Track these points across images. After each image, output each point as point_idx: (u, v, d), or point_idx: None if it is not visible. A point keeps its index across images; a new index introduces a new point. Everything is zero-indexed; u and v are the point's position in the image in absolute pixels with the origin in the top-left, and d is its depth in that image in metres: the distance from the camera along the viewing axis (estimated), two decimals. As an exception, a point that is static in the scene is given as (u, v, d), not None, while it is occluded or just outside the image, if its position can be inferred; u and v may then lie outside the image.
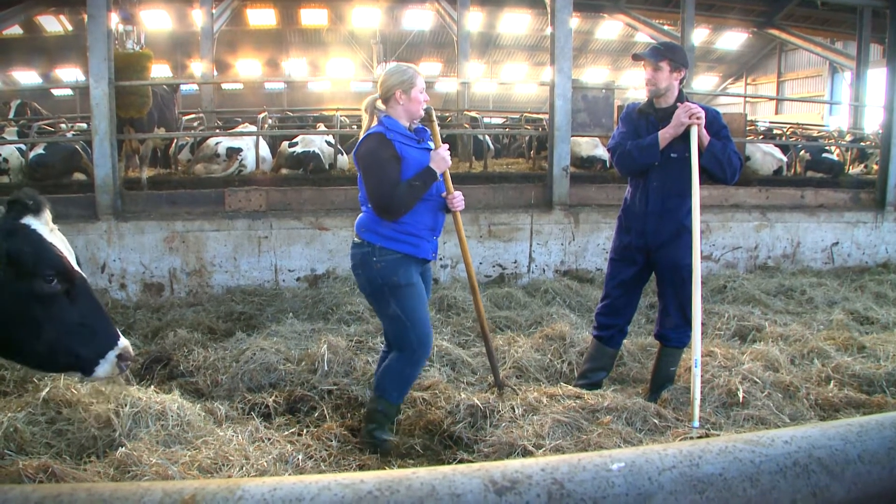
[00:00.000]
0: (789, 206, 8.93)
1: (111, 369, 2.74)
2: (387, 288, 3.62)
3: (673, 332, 4.36)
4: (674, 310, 4.32)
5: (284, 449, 3.42)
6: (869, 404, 4.29)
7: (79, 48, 22.49)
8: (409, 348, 3.68)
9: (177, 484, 1.04)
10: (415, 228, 3.66)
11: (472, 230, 7.49)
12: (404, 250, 3.63)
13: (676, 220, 4.20)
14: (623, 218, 4.41)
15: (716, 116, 4.18)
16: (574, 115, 7.95)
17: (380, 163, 3.55)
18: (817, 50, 22.36)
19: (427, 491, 1.04)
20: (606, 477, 1.10)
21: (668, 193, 4.17)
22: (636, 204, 4.29)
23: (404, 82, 3.64)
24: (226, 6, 19.45)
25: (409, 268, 3.66)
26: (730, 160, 4.06)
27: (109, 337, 2.76)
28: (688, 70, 4.31)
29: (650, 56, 4.14)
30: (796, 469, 1.17)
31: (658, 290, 4.44)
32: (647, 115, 4.26)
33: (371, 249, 3.62)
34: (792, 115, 26.97)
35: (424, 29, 29.50)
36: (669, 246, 4.22)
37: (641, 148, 4.13)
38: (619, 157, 4.24)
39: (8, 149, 9.48)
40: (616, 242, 4.46)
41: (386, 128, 3.63)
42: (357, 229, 3.74)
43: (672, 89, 4.19)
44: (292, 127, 14.94)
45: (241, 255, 7.09)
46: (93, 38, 6.81)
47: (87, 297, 2.75)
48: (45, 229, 2.70)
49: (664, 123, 4.13)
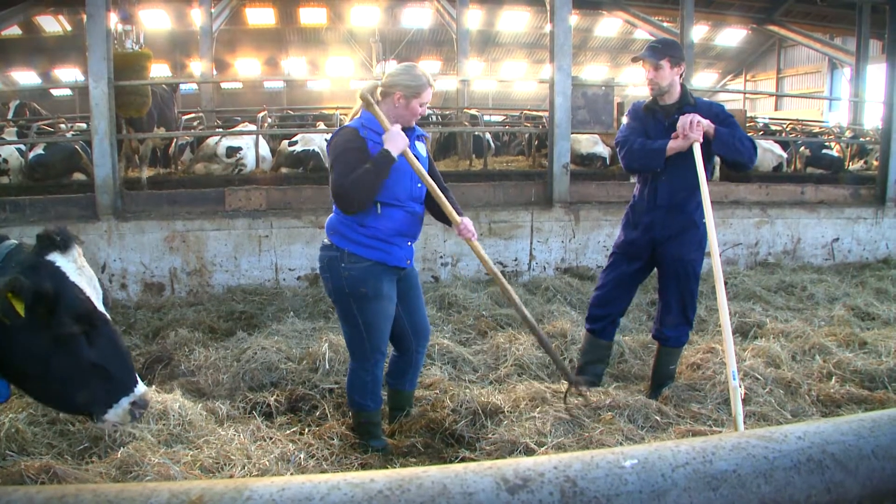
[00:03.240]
0: (789, 202, 8.92)
1: (123, 416, 2.64)
2: (352, 298, 3.46)
3: (672, 331, 4.33)
4: (675, 305, 4.30)
5: (286, 448, 3.42)
6: (871, 400, 4.28)
7: (78, 48, 22.41)
8: (363, 356, 3.59)
9: (184, 484, 1.03)
10: (384, 234, 3.46)
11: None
12: (375, 257, 3.45)
13: (685, 213, 4.20)
14: (630, 214, 4.41)
15: (719, 109, 4.22)
16: (574, 113, 7.93)
17: (344, 154, 3.36)
18: (817, 46, 22.40)
19: (438, 490, 1.04)
20: (619, 474, 1.09)
21: (676, 188, 4.16)
22: (644, 199, 4.29)
23: (410, 88, 3.44)
24: (225, 5, 19.44)
25: (380, 278, 3.48)
26: (741, 141, 4.04)
27: (126, 383, 2.65)
28: (685, 63, 4.31)
29: (650, 56, 4.14)
30: (810, 465, 1.16)
31: (660, 286, 4.42)
32: (653, 112, 4.27)
33: (340, 254, 3.46)
34: (791, 112, 26.94)
35: (423, 27, 29.47)
36: (675, 240, 4.21)
37: (647, 152, 4.13)
38: (626, 154, 4.23)
39: (8, 149, 9.46)
40: (621, 238, 4.44)
41: (363, 125, 3.46)
42: (327, 230, 3.59)
43: (674, 85, 4.19)
44: (292, 126, 14.91)
45: (242, 254, 7.08)
46: (92, 38, 6.79)
47: (108, 341, 2.64)
48: (72, 267, 2.61)
49: (670, 120, 4.14)
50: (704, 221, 4.21)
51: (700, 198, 4.12)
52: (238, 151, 9.86)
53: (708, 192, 3.92)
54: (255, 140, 9.83)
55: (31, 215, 6.90)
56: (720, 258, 3.97)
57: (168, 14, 24.41)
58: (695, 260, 4.27)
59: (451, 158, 14.12)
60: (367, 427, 3.68)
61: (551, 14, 7.93)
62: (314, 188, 7.71)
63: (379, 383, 3.70)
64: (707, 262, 4.21)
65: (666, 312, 4.35)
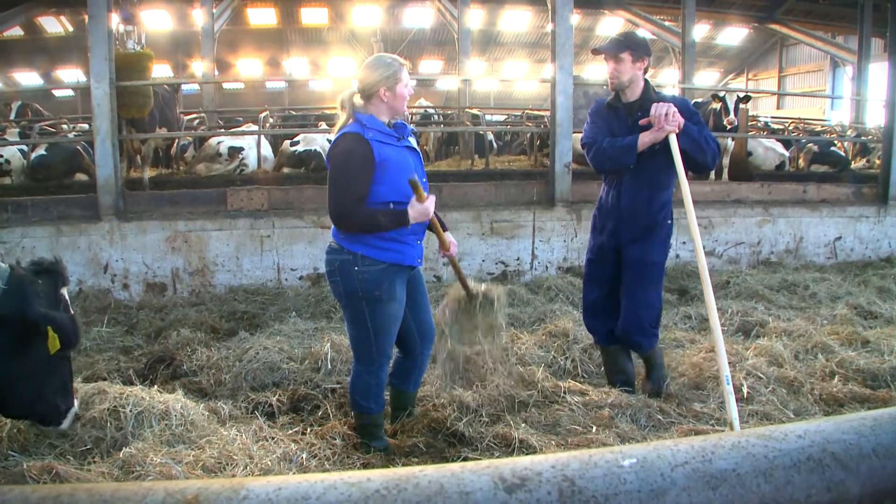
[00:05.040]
0: (791, 201, 8.90)
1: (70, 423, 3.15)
2: (365, 301, 3.40)
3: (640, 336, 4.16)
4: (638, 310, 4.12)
5: (288, 448, 3.41)
6: (873, 399, 4.27)
7: (80, 49, 22.49)
8: (369, 360, 3.54)
9: (179, 484, 1.03)
10: (398, 234, 3.39)
11: (475, 228, 7.47)
12: (389, 259, 3.38)
13: (649, 214, 4.07)
14: (597, 217, 4.30)
15: (685, 104, 4.03)
16: (575, 112, 7.92)
17: (351, 171, 3.26)
18: (818, 45, 22.35)
19: (435, 489, 1.03)
20: (618, 473, 1.08)
21: (639, 187, 4.04)
22: (609, 201, 4.18)
23: (388, 78, 3.35)
24: (226, 6, 19.43)
25: (394, 280, 3.43)
26: (707, 141, 3.92)
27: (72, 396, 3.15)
28: (650, 59, 4.10)
29: (610, 49, 4.01)
30: (810, 464, 1.16)
31: (622, 289, 4.22)
32: (616, 109, 4.12)
33: (353, 258, 3.36)
34: (793, 111, 26.92)
35: (425, 27, 29.47)
36: (638, 241, 4.09)
37: (618, 149, 3.98)
38: (595, 155, 4.07)
39: (10, 150, 9.48)
40: (591, 243, 4.35)
41: (363, 125, 3.34)
42: (335, 235, 3.48)
43: (636, 80, 4.04)
44: (294, 126, 14.92)
45: (244, 254, 7.09)
46: (93, 39, 6.80)
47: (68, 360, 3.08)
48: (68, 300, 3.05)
49: (633, 118, 4.01)
50: (669, 222, 4.13)
51: (665, 199, 4.04)
52: (240, 152, 9.86)
53: (688, 186, 3.74)
54: (257, 140, 9.83)
55: (33, 216, 6.92)
56: (722, 258, 3.93)
57: (170, 14, 24.42)
58: (658, 263, 4.14)
59: (453, 158, 14.14)
60: (369, 429, 3.66)
61: (553, 13, 7.93)
62: (316, 188, 7.71)
63: (382, 386, 3.67)
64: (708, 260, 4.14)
65: (631, 320, 4.17)
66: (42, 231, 6.73)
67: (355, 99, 3.45)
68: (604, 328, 4.37)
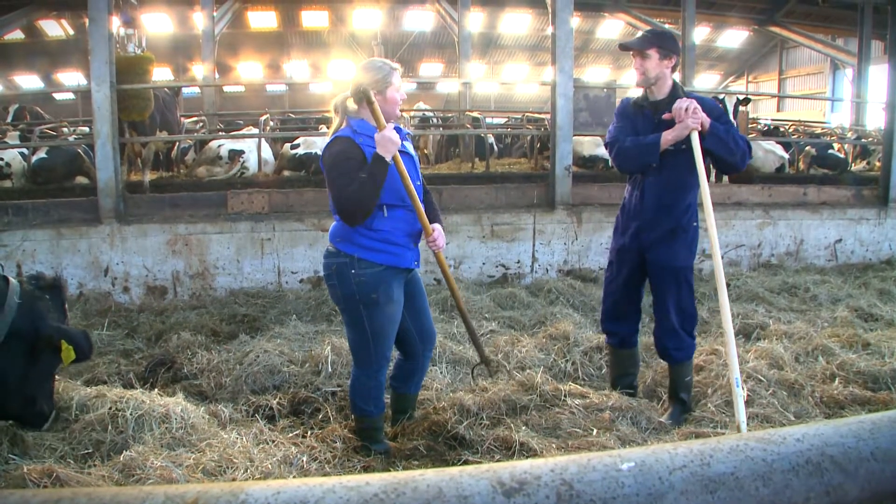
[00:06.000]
0: (792, 203, 8.90)
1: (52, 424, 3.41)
2: (363, 304, 3.40)
3: (673, 345, 4.07)
4: (672, 318, 4.04)
5: (289, 451, 3.41)
6: (874, 401, 4.27)
7: (80, 52, 22.53)
8: (368, 363, 3.54)
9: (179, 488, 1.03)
10: (393, 236, 3.41)
11: (475, 230, 7.47)
12: (386, 261, 3.40)
13: (673, 217, 3.99)
14: (620, 218, 4.25)
15: (712, 104, 3.97)
16: (576, 115, 7.92)
17: (344, 170, 3.28)
18: (818, 47, 22.38)
19: (434, 493, 1.03)
20: (616, 477, 1.08)
21: (664, 189, 3.97)
22: (633, 202, 4.12)
23: (378, 81, 3.38)
24: (227, 9, 19.46)
25: (391, 283, 3.43)
26: (736, 141, 3.83)
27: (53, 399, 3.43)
28: (678, 57, 4.05)
29: (637, 45, 3.95)
30: (809, 467, 1.16)
31: (653, 297, 4.15)
32: (642, 108, 4.06)
33: (349, 261, 3.38)
34: (794, 113, 26.94)
35: (425, 30, 29.49)
36: (663, 245, 4.00)
37: (641, 147, 3.92)
38: (617, 154, 4.04)
39: (10, 153, 9.48)
40: (613, 244, 4.30)
41: (354, 130, 3.38)
42: (332, 238, 3.51)
43: (663, 78, 3.96)
44: (294, 129, 14.93)
45: (244, 257, 7.09)
46: (94, 42, 6.80)
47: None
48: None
49: (659, 115, 3.93)
50: (695, 225, 4.05)
51: (690, 201, 3.97)
52: (241, 155, 9.86)
53: (708, 186, 3.72)
54: (257, 143, 9.83)
55: (33, 219, 6.92)
56: (722, 260, 3.90)
57: (170, 18, 24.47)
58: (686, 268, 4.04)
59: (453, 160, 14.14)
60: (369, 432, 3.66)
61: (553, 16, 7.93)
62: (316, 191, 7.71)
63: (382, 389, 3.67)
64: (707, 263, 4.15)
65: (663, 327, 4.10)
66: (42, 234, 6.74)
67: (348, 103, 3.48)
68: (621, 331, 4.31)
